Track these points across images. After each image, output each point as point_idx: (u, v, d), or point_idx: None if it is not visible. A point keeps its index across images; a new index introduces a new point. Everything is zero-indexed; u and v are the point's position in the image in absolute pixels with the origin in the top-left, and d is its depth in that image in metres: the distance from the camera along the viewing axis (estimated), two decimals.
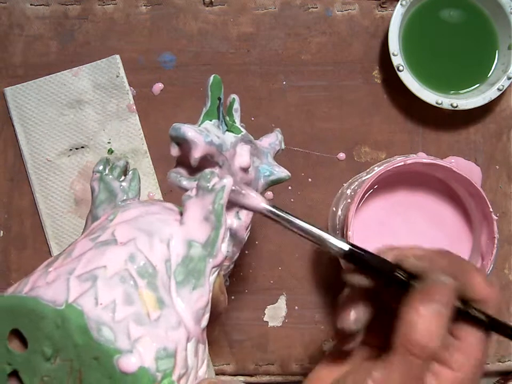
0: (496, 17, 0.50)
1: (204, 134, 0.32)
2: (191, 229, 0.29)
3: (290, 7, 0.53)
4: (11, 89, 0.51)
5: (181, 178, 0.33)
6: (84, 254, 0.27)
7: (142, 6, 0.53)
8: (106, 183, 0.35)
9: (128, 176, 0.36)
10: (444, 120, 0.52)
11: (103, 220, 0.30)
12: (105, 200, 0.34)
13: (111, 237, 0.28)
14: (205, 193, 0.30)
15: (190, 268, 0.28)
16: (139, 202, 0.32)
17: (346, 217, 0.43)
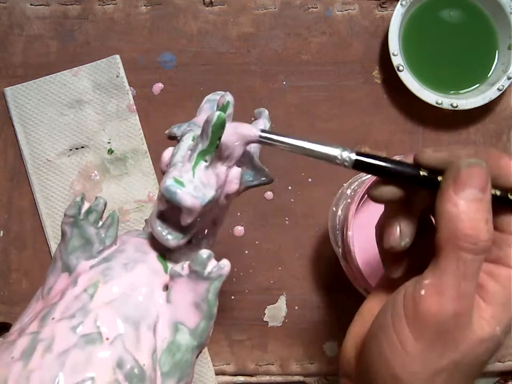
0: (496, 17, 0.50)
1: (200, 198, 0.28)
2: (179, 311, 0.28)
3: (290, 7, 0.53)
4: (11, 89, 0.51)
5: (168, 236, 0.29)
6: (68, 354, 0.25)
7: (142, 6, 0.53)
8: (81, 229, 0.30)
9: (106, 222, 0.31)
10: (444, 120, 0.52)
11: (81, 289, 0.27)
12: (79, 247, 0.30)
13: (94, 329, 0.26)
14: (198, 278, 0.28)
15: (177, 359, 0.27)
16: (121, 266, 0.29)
17: (346, 217, 0.43)
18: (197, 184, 0.28)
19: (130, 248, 0.30)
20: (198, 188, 0.28)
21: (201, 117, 0.34)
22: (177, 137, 0.32)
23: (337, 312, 0.51)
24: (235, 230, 0.51)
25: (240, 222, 0.51)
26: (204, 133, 0.28)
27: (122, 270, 0.28)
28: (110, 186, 0.51)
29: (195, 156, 0.29)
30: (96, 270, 0.28)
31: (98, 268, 0.28)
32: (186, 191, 0.27)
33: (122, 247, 0.30)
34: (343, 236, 0.43)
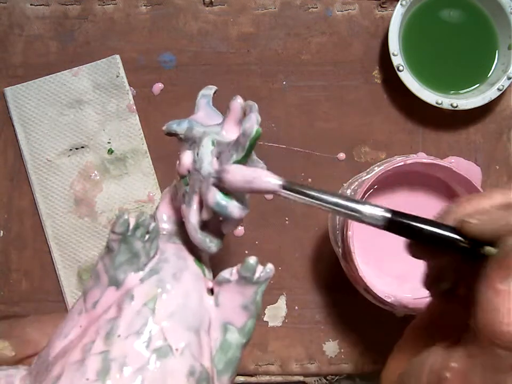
0: (496, 17, 0.50)
1: (245, 208, 0.30)
2: (228, 313, 0.30)
3: (290, 7, 0.53)
4: (11, 89, 0.51)
5: (210, 244, 0.31)
6: (144, 370, 0.26)
7: (142, 6, 0.53)
8: (129, 244, 0.30)
9: (151, 235, 0.31)
10: (444, 120, 0.52)
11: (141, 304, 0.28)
12: (125, 261, 0.30)
13: (163, 342, 0.27)
14: (247, 283, 0.30)
15: (229, 356, 0.29)
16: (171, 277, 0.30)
17: None
18: (237, 194, 0.29)
19: (172, 256, 0.31)
20: (240, 199, 0.30)
21: (199, 114, 0.34)
22: (178, 135, 0.33)
23: (337, 312, 0.51)
24: (235, 230, 0.51)
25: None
26: (239, 145, 0.29)
27: (173, 280, 0.29)
28: (110, 186, 0.51)
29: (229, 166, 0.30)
30: (149, 283, 0.29)
31: (150, 281, 0.29)
32: (234, 204, 0.29)
33: (164, 256, 0.31)
34: (343, 236, 0.43)
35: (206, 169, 0.30)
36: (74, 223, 0.51)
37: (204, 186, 0.29)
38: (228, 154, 0.30)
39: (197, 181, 0.30)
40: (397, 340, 0.33)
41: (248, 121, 0.30)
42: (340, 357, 0.51)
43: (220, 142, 0.31)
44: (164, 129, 0.33)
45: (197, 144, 0.31)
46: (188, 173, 0.31)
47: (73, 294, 0.50)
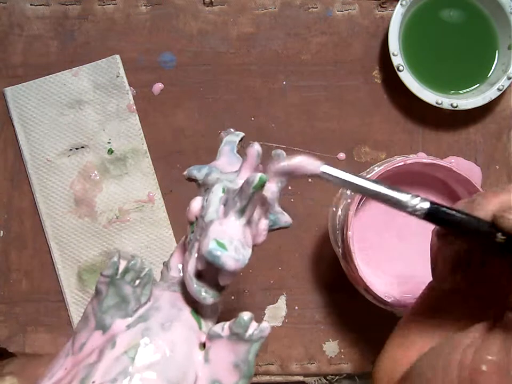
0: (496, 17, 0.50)
1: (241, 260, 0.28)
2: (218, 370, 0.28)
3: (290, 7, 0.53)
4: (11, 89, 0.51)
5: (205, 295, 0.29)
6: None
7: (142, 6, 0.53)
8: (117, 288, 0.29)
9: (143, 280, 0.30)
10: (444, 120, 0.52)
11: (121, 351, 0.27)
12: (114, 305, 0.29)
13: None
14: (239, 340, 0.28)
15: None
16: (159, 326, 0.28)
17: (346, 217, 0.43)
18: (237, 245, 0.28)
19: (165, 305, 0.30)
20: (238, 249, 0.28)
21: (221, 161, 0.33)
22: (197, 181, 0.32)
23: (337, 312, 0.51)
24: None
25: None
26: (242, 193, 0.28)
27: (161, 330, 0.28)
28: (110, 186, 0.51)
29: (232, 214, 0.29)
30: (135, 330, 0.28)
31: (136, 329, 0.28)
32: (228, 254, 0.27)
33: (157, 303, 0.30)
34: (343, 236, 0.43)
35: (210, 216, 0.29)
36: (74, 223, 0.51)
37: (203, 233, 0.28)
38: (232, 201, 0.29)
39: (200, 228, 0.29)
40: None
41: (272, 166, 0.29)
42: (340, 357, 0.51)
43: (230, 190, 0.30)
44: (185, 174, 0.33)
45: (209, 191, 0.31)
46: (195, 220, 0.30)
47: (73, 294, 0.50)
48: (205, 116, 0.52)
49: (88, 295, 0.50)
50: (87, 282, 0.50)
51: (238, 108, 0.52)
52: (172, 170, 0.52)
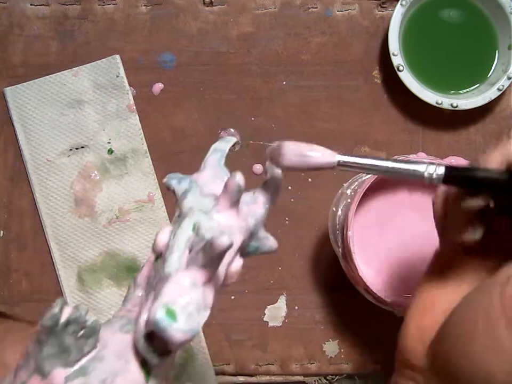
0: (496, 17, 0.50)
1: (192, 331, 0.25)
2: None
3: (290, 7, 0.53)
4: (11, 89, 0.51)
5: (151, 356, 0.27)
6: None
7: (142, 6, 0.53)
8: (58, 338, 0.27)
9: (86, 332, 0.28)
10: (444, 120, 0.52)
11: None
12: (54, 354, 0.27)
13: None
14: None
15: None
16: (98, 382, 0.27)
17: (346, 217, 0.43)
18: (191, 311, 0.25)
19: (110, 355, 0.27)
20: (192, 315, 0.25)
21: (205, 174, 0.31)
22: (175, 192, 0.30)
23: (337, 312, 0.51)
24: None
25: None
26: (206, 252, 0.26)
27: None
28: (110, 186, 0.51)
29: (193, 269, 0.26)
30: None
31: (74, 383, 0.27)
32: (177, 327, 0.25)
33: (103, 352, 0.28)
34: (343, 236, 0.43)
35: (171, 265, 0.26)
36: (74, 223, 0.51)
37: (159, 287, 0.26)
38: (195, 254, 0.26)
39: (159, 275, 0.27)
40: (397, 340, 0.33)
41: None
42: (340, 357, 0.51)
43: (202, 228, 0.27)
44: (164, 181, 0.31)
45: (179, 221, 0.28)
46: (160, 255, 0.28)
47: (73, 294, 0.50)
48: (205, 116, 0.52)
49: (88, 294, 0.50)
50: (87, 282, 0.50)
51: (238, 107, 0.52)
52: (171, 170, 0.52)
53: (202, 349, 0.50)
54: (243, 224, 0.29)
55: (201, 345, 0.50)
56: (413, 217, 0.46)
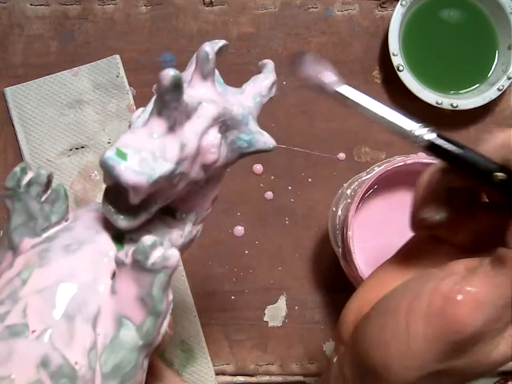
0: (496, 17, 0.50)
1: (146, 174, 0.23)
2: (124, 304, 0.24)
3: (290, 7, 0.53)
4: (11, 89, 0.51)
5: (116, 216, 0.25)
6: None
7: (142, 6, 0.53)
8: (23, 203, 0.26)
9: (50, 196, 0.27)
10: (444, 120, 0.52)
11: (15, 272, 0.24)
12: (22, 223, 0.26)
13: (21, 319, 0.23)
14: (141, 269, 0.24)
15: (120, 357, 0.24)
16: (61, 248, 0.25)
17: (346, 217, 0.43)
18: (145, 157, 0.24)
19: (79, 225, 0.26)
20: (146, 161, 0.23)
21: (188, 71, 0.30)
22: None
23: (337, 312, 0.51)
24: (235, 230, 0.51)
25: (240, 222, 0.51)
26: (157, 94, 0.24)
27: (62, 253, 0.25)
28: None
29: (150, 121, 0.25)
30: (35, 251, 0.25)
31: (37, 249, 0.25)
32: (127, 165, 0.23)
33: (72, 224, 0.26)
34: (343, 236, 0.43)
35: (136, 124, 0.26)
36: None
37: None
38: (152, 107, 0.26)
39: None
40: None
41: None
42: None
43: None
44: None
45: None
46: None
47: None
48: None
49: None
50: None
51: None
52: None
53: (202, 349, 0.50)
54: (219, 98, 0.27)
55: (201, 345, 0.50)
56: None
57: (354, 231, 0.43)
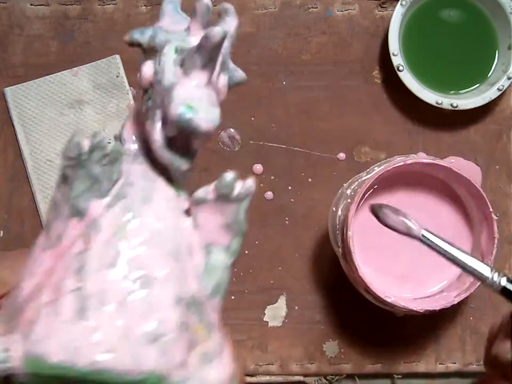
0: (496, 17, 0.50)
1: (213, 121, 0.26)
2: (209, 234, 0.28)
3: (290, 7, 0.53)
4: (11, 89, 0.51)
5: (180, 162, 0.27)
6: (126, 304, 0.24)
7: (142, 6, 0.53)
8: (86, 170, 0.27)
9: (110, 157, 0.28)
10: (444, 120, 0.52)
11: (109, 234, 0.26)
12: (86, 189, 0.27)
13: (143, 271, 0.25)
14: (226, 201, 0.27)
15: (217, 279, 0.27)
16: (140, 201, 0.27)
17: (346, 217, 0.43)
18: (205, 106, 0.26)
19: (138, 179, 0.28)
20: (208, 109, 0.26)
21: (165, 21, 0.32)
22: (141, 45, 0.30)
23: (337, 312, 0.51)
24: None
25: None
26: (202, 50, 0.27)
27: (143, 204, 0.27)
28: None
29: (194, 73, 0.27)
30: (116, 210, 0.27)
31: (116, 208, 0.27)
32: (200, 116, 0.26)
33: (129, 179, 0.28)
34: (343, 236, 0.43)
35: (168, 80, 0.27)
36: None
37: (166, 98, 0.27)
38: (190, 60, 0.28)
39: (159, 94, 0.28)
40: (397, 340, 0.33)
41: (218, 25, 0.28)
42: (340, 357, 0.51)
43: (184, 49, 0.29)
44: (126, 39, 0.30)
45: (159, 53, 0.29)
46: (150, 86, 0.29)
47: None
48: None
49: None
50: None
51: (238, 107, 0.52)
52: None
53: None
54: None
55: None
56: (413, 217, 0.46)
57: (354, 231, 0.43)
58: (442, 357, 0.51)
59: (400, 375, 0.51)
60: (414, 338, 0.51)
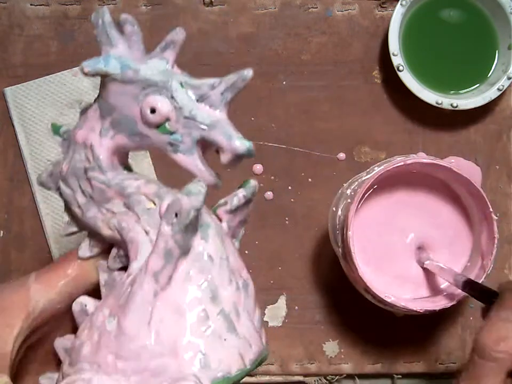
0: (496, 17, 0.50)
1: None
2: (232, 230, 0.33)
3: (290, 7, 0.53)
4: (11, 89, 0.51)
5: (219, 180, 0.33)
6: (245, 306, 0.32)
7: (142, 6, 0.53)
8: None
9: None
10: (444, 120, 0.52)
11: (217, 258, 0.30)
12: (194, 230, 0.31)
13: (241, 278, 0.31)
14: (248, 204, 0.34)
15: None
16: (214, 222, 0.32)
17: (346, 217, 0.43)
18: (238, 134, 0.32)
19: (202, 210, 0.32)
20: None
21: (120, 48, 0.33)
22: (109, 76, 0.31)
23: (337, 312, 0.51)
24: None
25: None
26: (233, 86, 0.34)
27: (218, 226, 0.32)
28: None
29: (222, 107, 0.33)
30: (212, 237, 0.31)
31: (210, 234, 0.31)
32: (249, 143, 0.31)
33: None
34: (343, 236, 0.43)
35: (204, 116, 0.31)
36: None
37: (217, 133, 0.31)
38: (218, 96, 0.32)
39: (193, 129, 0.31)
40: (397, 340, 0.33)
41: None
42: (340, 357, 0.51)
43: (188, 83, 0.33)
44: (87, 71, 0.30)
45: (160, 89, 0.32)
46: (165, 121, 0.32)
47: None
48: None
49: None
50: None
51: (238, 107, 0.52)
52: (172, 171, 0.52)
53: None
54: None
55: None
56: (413, 216, 0.46)
57: (354, 231, 0.42)
58: (442, 357, 0.51)
59: (400, 375, 0.51)
60: (414, 338, 0.51)
